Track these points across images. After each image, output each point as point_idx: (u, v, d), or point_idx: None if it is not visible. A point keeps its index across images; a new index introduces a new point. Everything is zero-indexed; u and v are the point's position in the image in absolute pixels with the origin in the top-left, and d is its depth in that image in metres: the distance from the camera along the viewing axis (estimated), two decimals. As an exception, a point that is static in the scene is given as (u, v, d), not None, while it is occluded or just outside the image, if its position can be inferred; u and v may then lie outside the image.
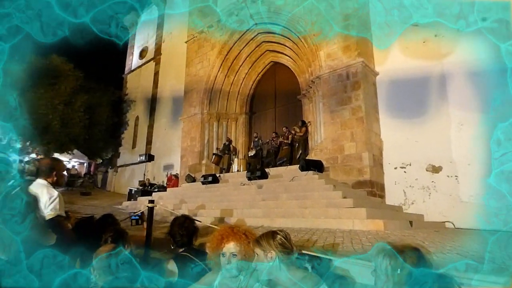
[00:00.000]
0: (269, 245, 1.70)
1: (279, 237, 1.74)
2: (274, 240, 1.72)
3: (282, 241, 1.73)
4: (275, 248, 1.69)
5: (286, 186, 8.25)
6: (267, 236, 1.76)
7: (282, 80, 13.35)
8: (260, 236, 1.79)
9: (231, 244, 1.76)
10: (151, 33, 20.43)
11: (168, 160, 15.61)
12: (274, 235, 1.76)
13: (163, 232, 4.94)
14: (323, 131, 9.53)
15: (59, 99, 15.89)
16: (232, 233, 1.78)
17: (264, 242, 1.72)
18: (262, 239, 1.74)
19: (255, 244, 1.74)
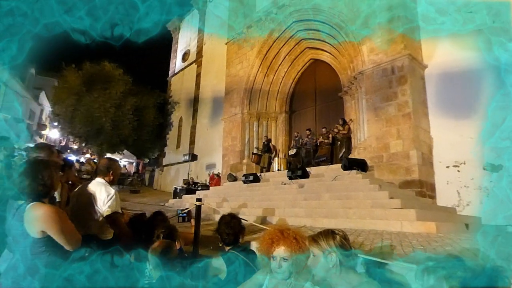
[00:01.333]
0: (329, 245, 1.60)
1: (339, 238, 1.63)
2: (334, 240, 1.61)
3: (342, 242, 1.62)
4: (336, 250, 1.59)
5: (328, 185, 8.08)
6: (326, 235, 1.65)
7: (322, 77, 13.09)
8: (318, 235, 1.68)
9: (282, 249, 1.69)
10: (193, 37, 21.13)
11: (210, 159, 16.06)
12: (334, 235, 1.65)
13: (208, 230, 5.11)
14: (366, 129, 9.19)
15: (110, 102, 17.06)
16: (282, 237, 1.71)
17: (323, 242, 1.62)
18: (321, 238, 1.64)
19: (312, 244, 1.65)
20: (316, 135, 11.88)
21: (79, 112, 16.92)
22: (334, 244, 1.61)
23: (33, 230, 1.72)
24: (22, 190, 1.75)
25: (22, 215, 1.74)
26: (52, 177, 1.82)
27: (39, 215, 1.72)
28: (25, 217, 1.73)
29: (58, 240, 1.75)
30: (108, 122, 17.03)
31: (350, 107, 10.46)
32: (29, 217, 1.73)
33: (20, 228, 1.74)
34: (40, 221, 1.72)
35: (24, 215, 1.73)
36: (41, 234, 1.72)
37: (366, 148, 8.94)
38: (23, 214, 1.73)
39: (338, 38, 10.60)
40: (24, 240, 1.73)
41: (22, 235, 1.73)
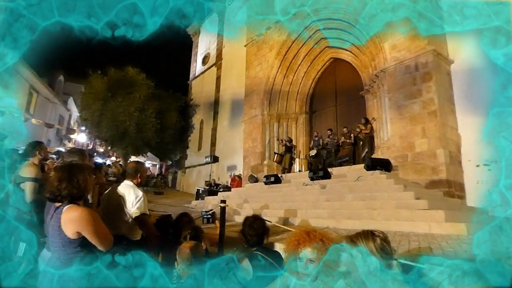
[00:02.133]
0: (370, 249, 1.52)
1: (380, 241, 1.54)
2: (375, 242, 1.53)
3: (383, 245, 1.54)
4: (377, 253, 1.51)
5: (351, 186, 7.95)
6: (366, 237, 1.57)
7: (342, 76, 12.91)
8: (357, 237, 1.61)
9: (308, 250, 1.67)
10: (212, 40, 21.42)
11: (231, 161, 16.19)
12: (373, 237, 1.55)
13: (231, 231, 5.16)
14: (389, 128, 8.97)
15: (134, 106, 17.58)
16: (308, 238, 1.68)
17: (363, 244, 1.55)
18: (360, 240, 1.57)
19: (351, 245, 1.58)
20: (338, 135, 11.73)
21: (105, 117, 17.55)
22: (374, 247, 1.53)
23: (69, 231, 1.82)
24: (58, 193, 1.85)
25: (59, 217, 1.84)
26: (86, 181, 1.91)
27: (74, 216, 1.81)
28: (61, 218, 1.83)
29: (92, 241, 1.84)
30: (132, 126, 17.55)
31: (372, 106, 10.26)
32: (65, 219, 1.82)
33: (57, 229, 1.84)
34: (75, 223, 1.81)
35: (61, 217, 1.83)
36: (77, 235, 1.81)
37: (390, 148, 8.73)
38: (60, 216, 1.83)
39: (359, 36, 10.43)
40: (61, 240, 1.83)
41: (59, 235, 1.83)
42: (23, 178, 3.27)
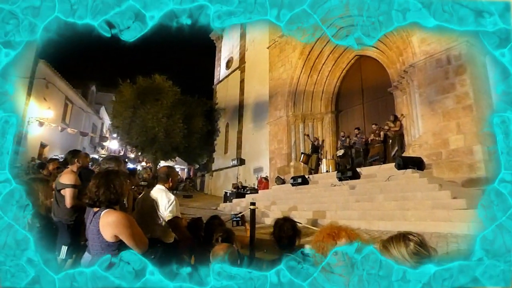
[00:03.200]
0: (401, 254, 1.44)
1: (413, 245, 1.44)
2: (407, 247, 1.44)
3: (418, 250, 1.44)
4: (410, 259, 1.42)
5: (381, 186, 7.72)
6: (397, 242, 1.47)
7: (369, 73, 12.59)
8: (389, 242, 1.51)
9: (343, 242, 1.64)
10: (235, 44, 21.64)
11: (257, 163, 16.24)
12: (406, 242, 1.46)
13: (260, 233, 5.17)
14: (421, 125, 8.63)
15: (162, 112, 18.10)
16: (341, 230, 1.69)
17: (394, 250, 1.46)
18: (392, 246, 1.48)
19: (384, 251, 1.51)
20: (366, 134, 11.44)
21: (135, 124, 18.19)
22: (407, 252, 1.44)
23: (107, 235, 1.89)
24: (97, 198, 1.94)
25: (98, 221, 1.92)
26: (122, 186, 1.99)
27: (111, 220, 1.89)
28: (100, 223, 1.91)
29: (129, 244, 1.90)
30: (161, 132, 18.06)
31: (402, 103, 9.92)
32: (103, 223, 1.90)
33: (96, 232, 1.92)
34: (112, 226, 1.89)
35: (99, 221, 1.92)
36: (114, 239, 1.89)
37: (422, 145, 8.39)
38: (98, 220, 1.92)
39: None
40: (100, 243, 1.92)
41: (99, 239, 1.91)
42: (63, 184, 3.46)
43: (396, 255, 1.47)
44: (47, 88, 15.67)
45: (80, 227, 3.33)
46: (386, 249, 1.51)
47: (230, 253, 1.95)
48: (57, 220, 3.47)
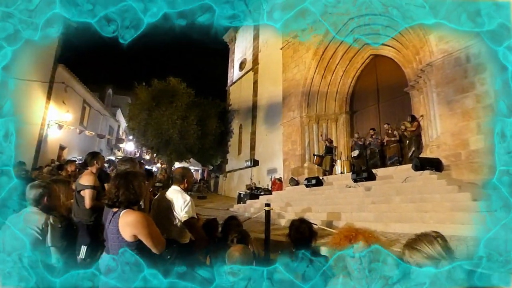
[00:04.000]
0: (437, 252, 1.41)
1: (442, 241, 1.45)
2: (440, 244, 1.43)
3: (448, 246, 1.44)
4: (446, 255, 1.39)
5: (398, 187, 7.58)
6: (429, 241, 1.45)
7: (384, 73, 12.39)
8: (418, 242, 1.49)
9: (361, 245, 1.62)
10: (248, 45, 21.71)
11: (271, 164, 16.21)
12: (436, 239, 1.45)
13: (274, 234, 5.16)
14: (439, 125, 8.42)
15: (177, 114, 18.33)
16: (358, 233, 1.67)
17: (429, 250, 1.42)
18: (424, 245, 1.44)
19: (414, 252, 1.46)
20: (381, 135, 11.26)
21: (150, 126, 18.49)
22: (442, 250, 1.41)
23: (126, 235, 1.93)
24: (116, 199, 1.98)
25: (117, 221, 1.96)
26: (141, 187, 2.03)
27: (130, 220, 1.93)
28: (119, 223, 1.95)
29: (147, 243, 1.94)
30: (176, 133, 18.29)
31: (418, 103, 9.71)
32: (123, 223, 1.94)
33: (116, 232, 1.96)
34: (131, 226, 1.92)
35: (118, 221, 1.95)
36: (133, 238, 1.92)
37: (440, 146, 8.18)
38: (117, 220, 1.96)
39: (400, 29, 9.94)
40: (119, 243, 1.95)
41: (118, 239, 1.95)
42: (83, 185, 3.55)
43: (432, 253, 1.43)
44: (65, 92, 16.13)
45: (99, 227, 3.41)
46: (416, 250, 1.46)
47: (245, 255, 1.96)
48: (77, 221, 3.56)
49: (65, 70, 15.71)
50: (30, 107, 13.48)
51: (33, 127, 13.64)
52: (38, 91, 14.00)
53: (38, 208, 2.40)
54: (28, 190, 2.43)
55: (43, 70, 14.15)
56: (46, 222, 2.33)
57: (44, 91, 14.36)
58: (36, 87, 13.78)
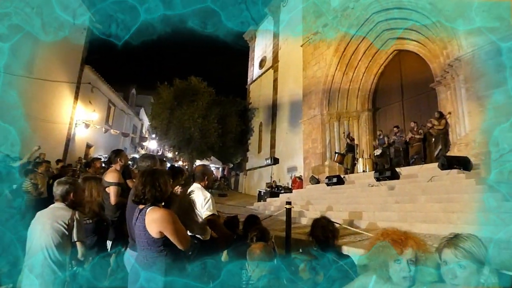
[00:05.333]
0: (483, 255, 1.34)
1: (481, 243, 1.37)
2: (480, 246, 1.35)
3: (486, 248, 1.36)
4: (487, 259, 1.32)
5: (423, 187, 7.32)
6: (473, 241, 1.38)
7: (409, 69, 12.00)
8: (462, 240, 1.41)
9: (410, 250, 1.51)
10: (268, 43, 21.66)
11: (291, 162, 16.13)
12: (471, 237, 1.38)
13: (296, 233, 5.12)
14: (467, 122, 8.07)
15: (198, 113, 18.60)
16: (408, 238, 1.57)
17: (474, 248, 1.35)
18: (471, 245, 1.36)
19: (459, 249, 1.37)
20: (405, 132, 10.92)
21: (172, 124, 18.86)
22: (484, 252, 1.34)
23: (152, 231, 1.97)
24: (143, 196, 2.02)
25: (144, 218, 2.01)
26: (166, 184, 2.08)
27: (156, 217, 1.97)
28: (146, 219, 1.99)
29: (172, 240, 1.97)
30: (197, 132, 18.57)
31: (445, 99, 9.33)
32: (149, 219, 1.98)
33: (142, 229, 2.00)
34: (157, 223, 1.96)
35: (145, 218, 2.00)
36: (159, 235, 1.96)
37: (469, 144, 7.83)
38: (144, 217, 2.00)
39: (427, 23, 9.59)
40: (146, 239, 2.00)
41: (145, 235, 1.99)
42: (108, 182, 3.66)
43: (475, 252, 1.36)
44: (92, 92, 16.71)
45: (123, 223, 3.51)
46: (461, 249, 1.38)
47: (266, 252, 1.95)
48: (103, 216, 3.68)
49: (91, 71, 16.27)
50: (60, 107, 14.08)
51: (62, 126, 14.24)
52: (67, 92, 14.59)
53: (65, 204, 2.49)
54: (56, 186, 2.53)
55: (71, 71, 14.73)
56: (72, 217, 2.41)
57: (72, 91, 14.94)
58: (65, 88, 14.36)
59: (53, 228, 2.33)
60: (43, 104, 12.66)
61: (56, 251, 2.28)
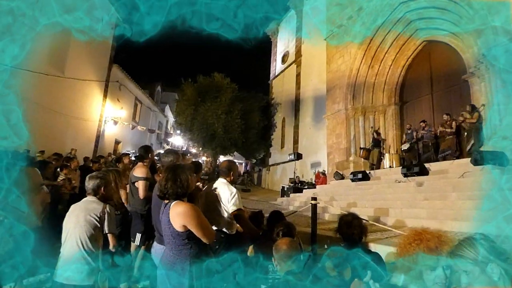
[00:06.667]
0: (482, 255, 1.27)
1: (487, 243, 1.30)
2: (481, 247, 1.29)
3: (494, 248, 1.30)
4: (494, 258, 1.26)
5: (454, 183, 7.02)
6: (469, 243, 1.32)
7: (439, 60, 11.49)
8: (457, 247, 1.36)
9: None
10: (291, 37, 21.41)
11: (314, 158, 15.95)
12: (487, 240, 1.31)
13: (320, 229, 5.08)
14: (503, 115, 7.62)
15: (221, 109, 18.76)
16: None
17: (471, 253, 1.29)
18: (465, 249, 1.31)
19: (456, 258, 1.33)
20: (435, 126, 10.48)
21: (196, 120, 19.16)
22: (488, 252, 1.28)
23: (177, 225, 2.02)
24: (166, 191, 2.08)
25: (168, 212, 2.06)
26: (188, 180, 2.12)
27: (180, 211, 2.02)
28: (170, 213, 2.05)
29: (196, 233, 2.01)
30: (220, 128, 18.75)
31: (479, 91, 8.85)
32: (173, 213, 2.04)
33: (167, 223, 2.06)
34: (181, 217, 2.01)
35: (169, 212, 2.05)
36: (183, 228, 2.01)
37: (505, 138, 7.40)
38: (169, 211, 2.06)
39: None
40: (171, 233, 2.05)
41: (170, 229, 2.05)
42: (137, 177, 3.79)
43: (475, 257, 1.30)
44: (119, 90, 17.29)
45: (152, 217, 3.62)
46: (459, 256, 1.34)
47: (292, 247, 1.95)
48: (133, 210, 3.82)
49: (119, 70, 16.82)
50: (90, 105, 14.69)
51: (92, 123, 14.85)
52: (96, 90, 15.18)
53: (96, 197, 2.60)
54: (87, 181, 2.65)
55: (100, 70, 15.30)
56: (104, 210, 2.52)
57: (101, 89, 15.53)
58: (95, 86, 14.95)
59: (86, 220, 2.44)
60: (74, 102, 13.26)
61: (89, 242, 2.40)
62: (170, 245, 2.05)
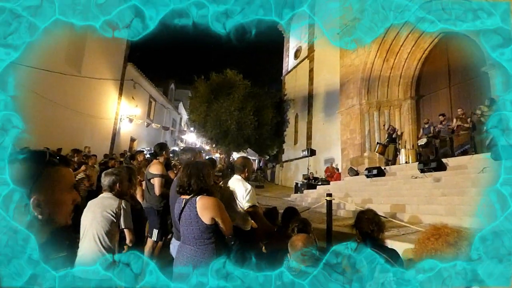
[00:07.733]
0: None
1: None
2: None
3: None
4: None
5: (473, 179, 6.83)
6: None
7: (457, 52, 11.12)
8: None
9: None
10: (304, 33, 21.20)
11: (328, 154, 15.82)
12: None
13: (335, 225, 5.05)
14: (526, 108, 7.34)
15: (234, 106, 18.81)
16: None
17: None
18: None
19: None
20: (452, 120, 10.22)
21: (210, 117, 19.28)
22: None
23: (206, 218, 2.06)
24: (188, 187, 2.12)
25: (194, 206, 2.09)
26: (209, 175, 2.17)
27: (209, 204, 2.07)
28: (198, 207, 2.08)
29: (223, 225, 2.07)
30: (233, 124, 18.82)
31: (500, 83, 8.55)
32: (201, 207, 2.07)
33: (194, 217, 2.09)
34: (210, 209, 2.06)
35: (196, 206, 2.08)
36: (211, 221, 2.05)
37: (527, 132, 7.15)
38: (195, 205, 2.09)
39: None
40: (198, 227, 2.08)
41: (197, 223, 2.08)
42: (153, 174, 3.85)
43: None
44: (134, 88, 17.56)
45: (167, 213, 3.68)
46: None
47: (308, 244, 1.95)
48: (149, 206, 3.89)
49: (134, 68, 17.07)
50: (106, 103, 14.98)
51: (108, 121, 15.16)
52: (112, 89, 15.47)
53: (112, 193, 2.67)
54: (103, 177, 2.72)
55: (115, 69, 15.57)
56: (119, 206, 2.58)
57: (116, 88, 15.81)
58: (110, 85, 15.22)
59: (103, 216, 2.51)
60: (90, 101, 13.54)
61: (106, 238, 2.46)
62: (195, 240, 2.08)
